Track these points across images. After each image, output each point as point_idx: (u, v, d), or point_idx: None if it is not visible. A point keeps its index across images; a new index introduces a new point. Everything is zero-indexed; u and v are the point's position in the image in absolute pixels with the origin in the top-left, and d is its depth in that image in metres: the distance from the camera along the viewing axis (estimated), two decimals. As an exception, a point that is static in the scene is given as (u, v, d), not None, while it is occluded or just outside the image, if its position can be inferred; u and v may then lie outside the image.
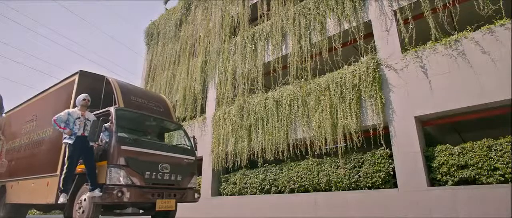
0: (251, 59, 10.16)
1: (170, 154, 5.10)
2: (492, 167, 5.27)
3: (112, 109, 4.87)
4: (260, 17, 10.57)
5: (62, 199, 4.35)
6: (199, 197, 5.50)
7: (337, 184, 7.00)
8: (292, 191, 7.81)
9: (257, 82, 9.62)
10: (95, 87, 5.73)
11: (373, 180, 6.48)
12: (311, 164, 7.61)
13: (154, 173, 4.67)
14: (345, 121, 7.05)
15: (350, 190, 6.83)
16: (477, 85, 5.67)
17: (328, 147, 7.32)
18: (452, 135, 9.40)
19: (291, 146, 8.01)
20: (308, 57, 8.59)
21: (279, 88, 8.87)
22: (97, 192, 4.23)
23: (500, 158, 5.22)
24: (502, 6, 5.82)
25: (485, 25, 5.92)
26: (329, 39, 8.37)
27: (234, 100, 10.11)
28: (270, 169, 8.49)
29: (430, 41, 6.54)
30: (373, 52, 7.37)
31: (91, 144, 4.61)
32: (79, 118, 4.68)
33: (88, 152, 4.55)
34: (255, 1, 10.98)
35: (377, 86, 6.90)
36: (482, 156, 5.39)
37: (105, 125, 4.68)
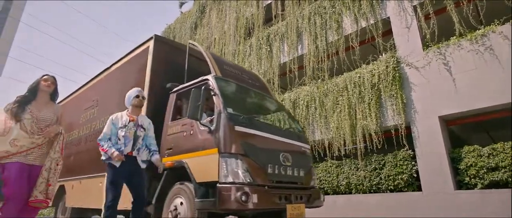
0: (266, 60, 10.11)
1: (289, 141, 3.77)
2: (526, 169, 4.94)
3: (211, 78, 3.59)
4: (275, 17, 10.49)
5: None
6: (324, 200, 4.09)
7: (357, 186, 6.82)
8: (310, 193, 7.67)
9: (273, 84, 9.55)
10: (174, 59, 4.42)
11: (396, 183, 6.26)
12: (330, 166, 7.46)
13: (277, 167, 3.34)
14: (365, 122, 6.86)
15: (371, 192, 6.64)
16: (506, 82, 5.35)
17: (347, 148, 7.15)
18: (479, 134, 8.95)
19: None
20: (324, 57, 8.43)
21: (296, 89, 8.76)
22: None
23: (535, 160, 4.90)
24: (533, -3, 5.45)
25: (514, 18, 5.58)
26: (346, 38, 8.18)
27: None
28: (288, 171, 8.37)
29: (454, 37, 6.24)
30: (393, 50, 7.12)
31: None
32: (126, 126, 3.01)
33: (138, 179, 3.05)
34: (269, 1, 10.91)
35: (397, 85, 6.66)
36: (514, 157, 5.08)
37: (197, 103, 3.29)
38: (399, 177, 6.23)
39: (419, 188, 6.06)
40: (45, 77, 2.66)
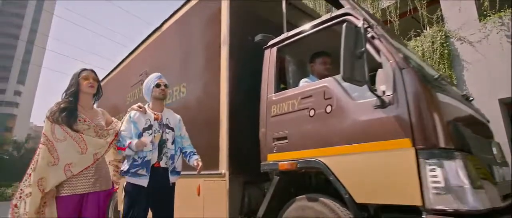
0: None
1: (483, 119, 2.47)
2: None
3: (353, 12, 2.07)
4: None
5: None
6: None
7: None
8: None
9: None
10: (262, 15, 3.05)
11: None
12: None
13: (496, 169, 1.94)
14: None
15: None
16: None
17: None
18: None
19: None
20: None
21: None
22: None
23: None
24: None
25: None
26: (383, 11, 7.24)
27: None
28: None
29: (521, 3, 5.17)
30: (440, 23, 6.15)
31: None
32: (151, 126, 2.22)
33: (168, 199, 2.27)
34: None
35: (446, 64, 5.76)
36: None
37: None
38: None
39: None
40: (84, 74, 2.03)
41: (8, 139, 33.89)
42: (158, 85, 2.31)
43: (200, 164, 2.29)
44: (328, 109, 1.98)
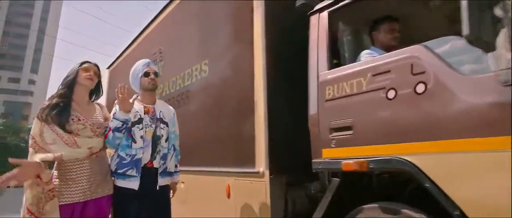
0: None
1: None
2: None
3: None
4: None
5: None
6: None
7: None
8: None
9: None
10: None
11: None
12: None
13: None
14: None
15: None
16: None
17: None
18: None
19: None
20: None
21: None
22: None
23: None
24: None
25: None
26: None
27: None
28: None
29: None
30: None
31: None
32: (141, 120, 1.91)
33: (163, 205, 2.00)
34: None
35: None
36: None
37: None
38: None
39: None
40: (85, 65, 1.80)
41: (24, 127, 34.61)
42: (146, 74, 2.00)
43: (174, 190, 2.15)
44: (420, 88, 1.40)
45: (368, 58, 1.76)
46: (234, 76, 2.45)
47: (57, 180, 1.64)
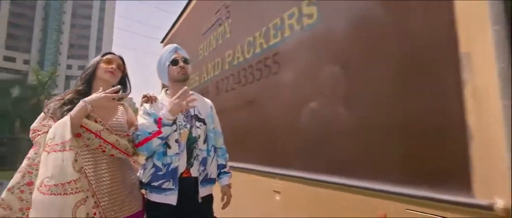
0: None
1: None
2: None
3: None
4: None
5: None
6: None
7: None
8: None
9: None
10: None
11: None
12: None
13: None
14: None
15: None
16: None
17: None
18: None
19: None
20: None
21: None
22: None
23: None
24: None
25: None
26: None
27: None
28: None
29: None
30: None
31: None
32: (173, 120, 1.45)
33: None
34: None
35: None
36: None
37: None
38: None
39: None
40: (108, 56, 1.51)
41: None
42: (174, 62, 1.58)
43: (228, 196, 1.66)
44: None
45: None
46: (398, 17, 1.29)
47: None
